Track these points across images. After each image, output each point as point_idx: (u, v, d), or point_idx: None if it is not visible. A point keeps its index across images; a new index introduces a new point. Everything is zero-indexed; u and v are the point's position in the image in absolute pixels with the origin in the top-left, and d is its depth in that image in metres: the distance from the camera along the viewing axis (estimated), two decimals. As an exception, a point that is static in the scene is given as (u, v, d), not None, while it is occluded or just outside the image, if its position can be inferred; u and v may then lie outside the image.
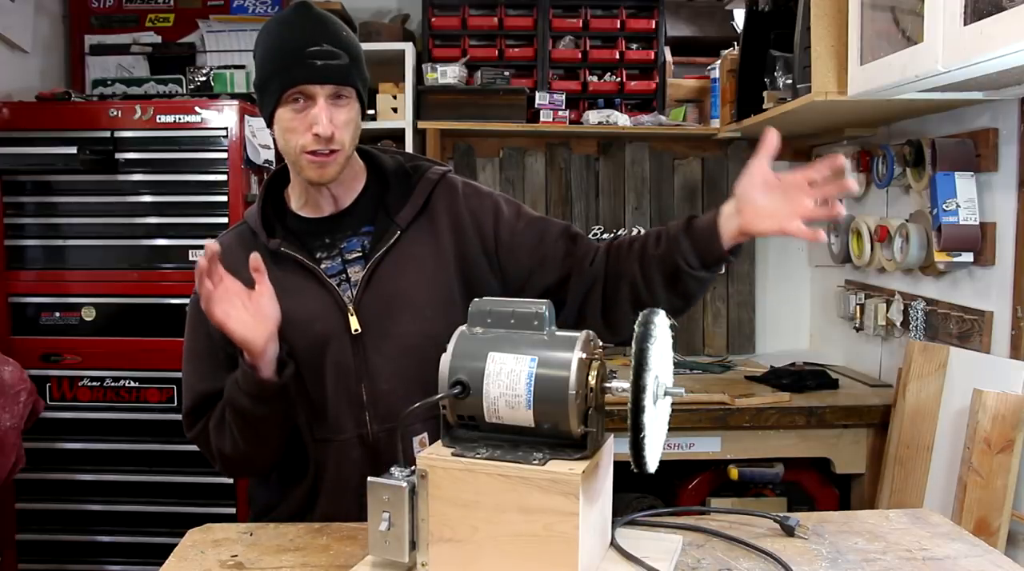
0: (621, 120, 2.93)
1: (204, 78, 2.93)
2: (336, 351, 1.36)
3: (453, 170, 1.51)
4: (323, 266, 1.39)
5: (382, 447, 1.36)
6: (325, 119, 1.30)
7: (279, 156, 2.84)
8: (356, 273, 1.39)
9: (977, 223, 2.01)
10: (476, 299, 1.17)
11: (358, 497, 1.15)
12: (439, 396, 1.10)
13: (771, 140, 1.22)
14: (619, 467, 1.20)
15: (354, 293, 1.37)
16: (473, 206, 1.45)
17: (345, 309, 1.36)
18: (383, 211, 1.42)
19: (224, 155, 2.58)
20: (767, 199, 1.23)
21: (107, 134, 2.57)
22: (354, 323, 1.36)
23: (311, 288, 1.37)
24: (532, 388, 1.06)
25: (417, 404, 1.11)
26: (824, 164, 1.19)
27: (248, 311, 1.27)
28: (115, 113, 2.58)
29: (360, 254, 1.41)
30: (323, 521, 1.33)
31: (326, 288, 1.37)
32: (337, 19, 1.38)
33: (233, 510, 2.60)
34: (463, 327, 1.15)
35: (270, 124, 1.37)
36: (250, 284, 1.31)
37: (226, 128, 2.57)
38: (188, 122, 2.57)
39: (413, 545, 1.10)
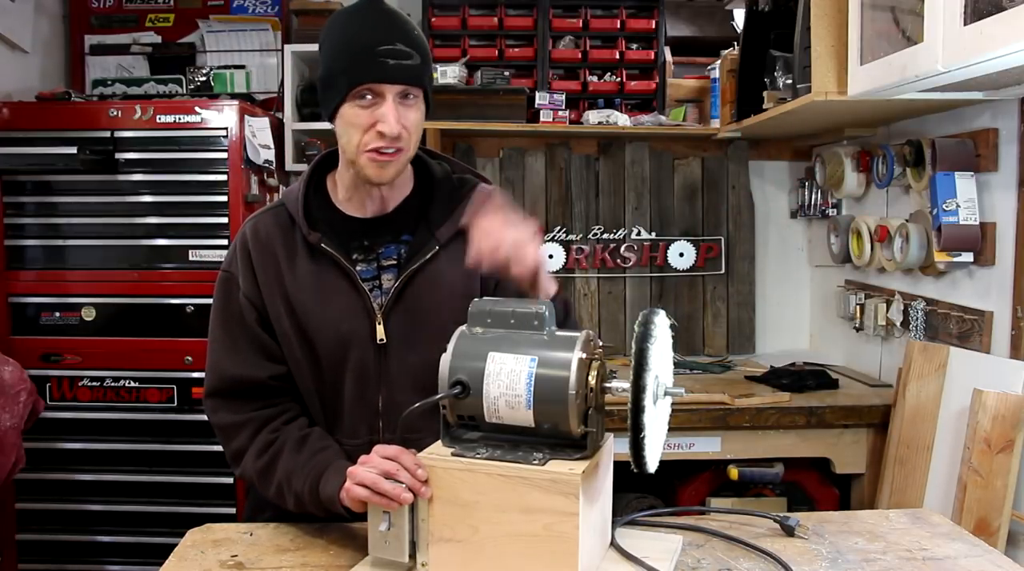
0: (621, 120, 2.93)
1: (204, 78, 2.94)
2: (359, 356, 1.36)
3: (498, 189, 1.50)
4: (358, 268, 1.37)
5: None
6: (393, 118, 1.27)
7: (279, 156, 2.86)
8: (389, 281, 1.38)
9: (977, 223, 2.01)
10: (476, 299, 1.17)
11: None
12: (439, 396, 1.10)
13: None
14: (619, 467, 1.21)
15: (384, 301, 1.36)
16: None
17: (373, 316, 1.35)
18: (424, 222, 1.40)
19: (224, 155, 2.58)
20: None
21: (107, 134, 2.58)
22: (380, 332, 1.35)
23: (344, 289, 1.36)
24: (532, 388, 1.06)
25: (417, 404, 1.11)
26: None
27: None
28: (115, 113, 2.58)
29: (395, 262, 1.39)
30: (324, 522, 1.33)
31: (358, 292, 1.35)
32: (407, 16, 1.35)
33: (233, 510, 2.60)
34: (463, 327, 1.15)
35: (331, 119, 1.34)
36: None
37: (226, 128, 2.57)
38: (188, 122, 2.58)
39: (413, 545, 1.10)
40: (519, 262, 1.18)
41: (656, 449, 1.07)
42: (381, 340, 1.35)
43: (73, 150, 2.54)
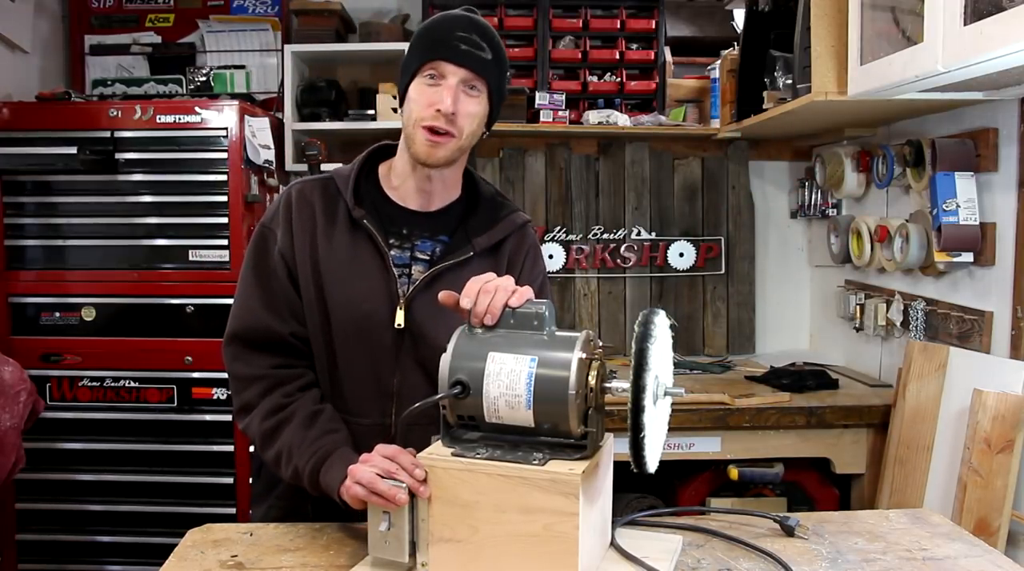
0: (621, 120, 2.93)
1: (204, 78, 2.94)
2: (376, 337, 1.38)
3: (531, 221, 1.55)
4: (392, 253, 1.40)
5: (400, 441, 1.35)
6: (449, 99, 1.31)
7: (279, 156, 2.86)
8: (419, 272, 1.40)
9: (977, 223, 2.01)
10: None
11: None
12: (439, 396, 1.10)
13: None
14: (619, 467, 1.21)
15: (409, 289, 1.38)
16: (527, 265, 1.49)
17: (396, 300, 1.37)
18: (463, 229, 1.44)
19: (224, 155, 2.58)
20: None
21: (107, 134, 2.58)
22: (399, 317, 1.37)
23: (375, 268, 1.38)
24: (532, 388, 1.06)
25: (416, 404, 1.12)
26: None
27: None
28: (115, 113, 2.58)
29: (428, 257, 1.42)
30: (330, 503, 1.33)
31: (388, 274, 1.38)
32: (496, 32, 1.41)
33: (233, 510, 2.60)
34: (463, 327, 1.15)
35: (402, 102, 1.39)
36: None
37: (226, 128, 2.57)
38: (188, 122, 2.58)
39: (413, 545, 1.10)
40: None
41: (656, 449, 1.07)
42: (399, 325, 1.36)
43: (73, 150, 2.54)
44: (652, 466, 1.05)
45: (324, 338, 1.39)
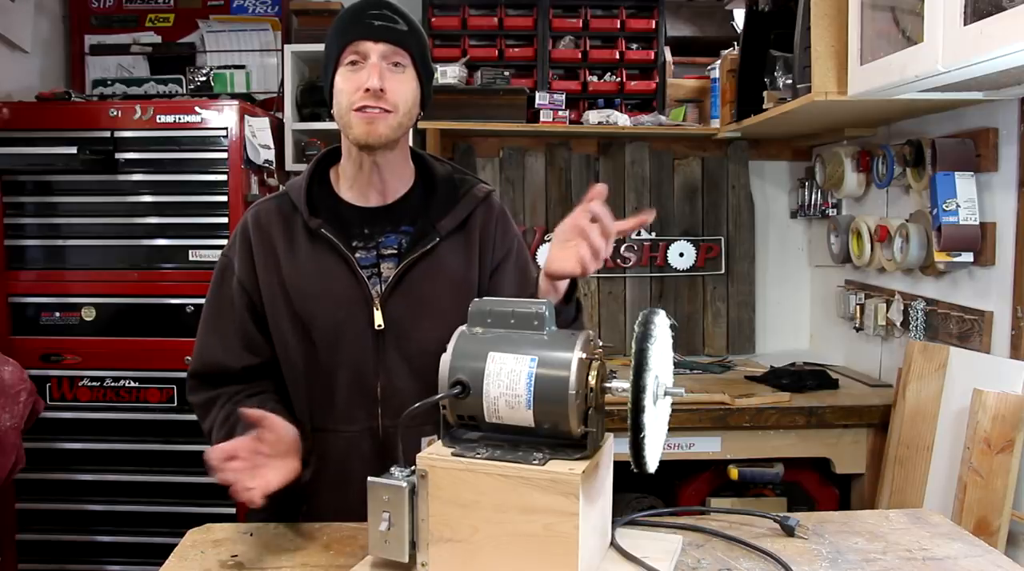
0: (621, 120, 2.93)
1: (204, 78, 2.94)
2: (356, 342, 1.37)
3: (496, 191, 1.54)
4: (357, 256, 1.39)
5: (392, 443, 1.36)
6: (376, 75, 1.30)
7: (279, 156, 2.86)
8: (388, 269, 1.40)
9: (977, 223, 2.01)
10: (476, 299, 1.17)
11: (362, 490, 1.15)
12: (439, 396, 1.10)
13: (597, 191, 1.26)
14: (619, 467, 1.20)
15: (383, 289, 1.38)
16: (499, 232, 1.48)
17: (371, 303, 1.37)
18: (425, 215, 1.43)
19: (224, 155, 2.58)
20: (559, 246, 1.26)
21: (107, 134, 2.58)
22: (378, 318, 1.36)
23: (342, 275, 1.37)
24: (532, 388, 1.06)
25: (417, 404, 1.11)
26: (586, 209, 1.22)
27: (274, 459, 1.22)
28: (115, 113, 2.58)
29: (395, 252, 1.41)
30: (324, 510, 1.33)
31: (356, 278, 1.37)
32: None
33: (233, 510, 2.60)
34: (463, 327, 1.15)
35: (331, 102, 1.38)
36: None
37: (226, 128, 2.57)
38: (188, 122, 2.58)
39: (413, 545, 1.10)
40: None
41: (656, 449, 1.07)
42: (379, 326, 1.36)
43: (73, 150, 2.54)
44: (652, 466, 1.05)
45: (304, 353, 1.38)
